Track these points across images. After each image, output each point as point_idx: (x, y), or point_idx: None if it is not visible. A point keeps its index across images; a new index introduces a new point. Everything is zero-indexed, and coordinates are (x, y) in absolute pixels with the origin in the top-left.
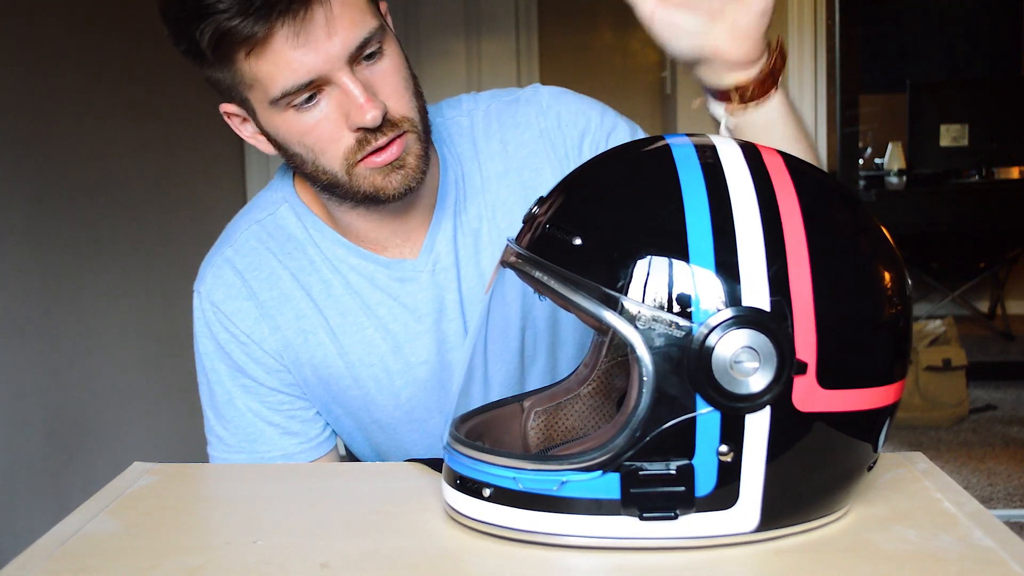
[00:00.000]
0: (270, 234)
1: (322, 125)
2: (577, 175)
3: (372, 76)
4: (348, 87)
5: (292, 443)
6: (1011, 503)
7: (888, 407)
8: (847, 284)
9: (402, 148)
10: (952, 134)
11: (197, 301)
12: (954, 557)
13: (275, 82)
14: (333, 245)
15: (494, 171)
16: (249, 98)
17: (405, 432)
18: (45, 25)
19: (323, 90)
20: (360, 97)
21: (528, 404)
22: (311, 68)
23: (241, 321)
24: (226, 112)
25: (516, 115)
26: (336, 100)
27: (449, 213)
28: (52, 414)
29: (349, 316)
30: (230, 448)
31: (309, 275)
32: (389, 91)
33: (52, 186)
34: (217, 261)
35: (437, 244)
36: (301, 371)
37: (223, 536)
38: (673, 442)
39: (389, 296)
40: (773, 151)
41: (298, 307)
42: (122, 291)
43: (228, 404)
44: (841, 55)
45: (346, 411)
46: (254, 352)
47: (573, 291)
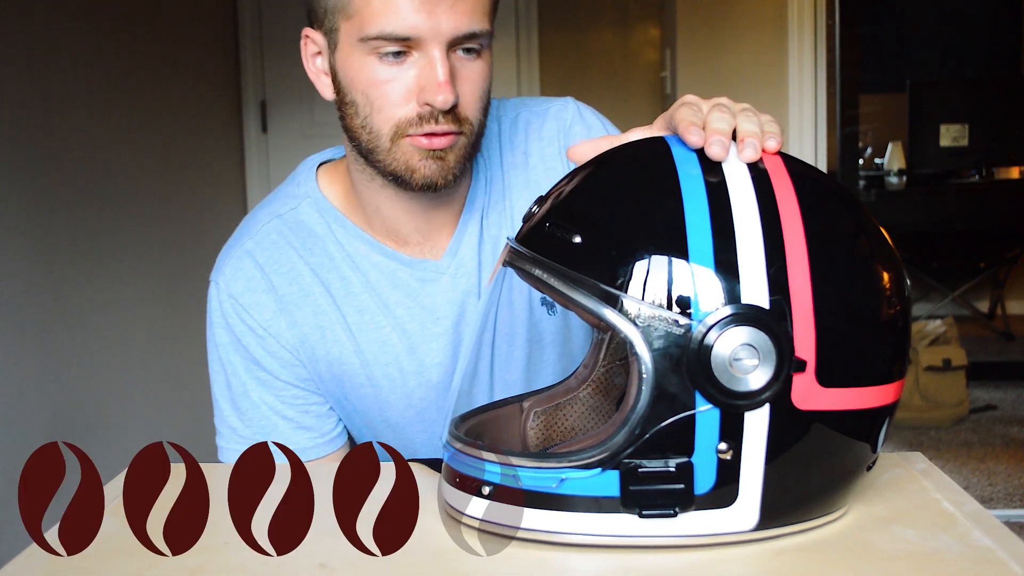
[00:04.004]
0: (291, 229)
1: (393, 85)
2: (577, 174)
3: (461, 68)
4: (435, 62)
5: (305, 438)
6: (1011, 503)
7: (887, 407)
8: (846, 283)
9: (451, 143)
10: (952, 134)
11: (214, 292)
12: (953, 557)
13: (376, 21)
14: (355, 241)
15: (516, 182)
16: (340, 28)
17: (414, 433)
18: (46, 20)
19: (412, 53)
20: (442, 76)
21: (527, 404)
22: (416, 26)
23: (259, 314)
24: (307, 36)
25: (542, 129)
26: (419, 68)
27: (476, 217)
28: (52, 414)
29: (367, 314)
30: (243, 439)
31: (329, 271)
32: (469, 89)
33: (53, 184)
34: (237, 253)
35: (462, 248)
36: (316, 367)
37: (223, 536)
38: (672, 440)
39: (408, 296)
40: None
41: (317, 303)
42: (123, 291)
43: (243, 396)
44: (841, 55)
45: (357, 409)
46: (271, 346)
47: (573, 289)
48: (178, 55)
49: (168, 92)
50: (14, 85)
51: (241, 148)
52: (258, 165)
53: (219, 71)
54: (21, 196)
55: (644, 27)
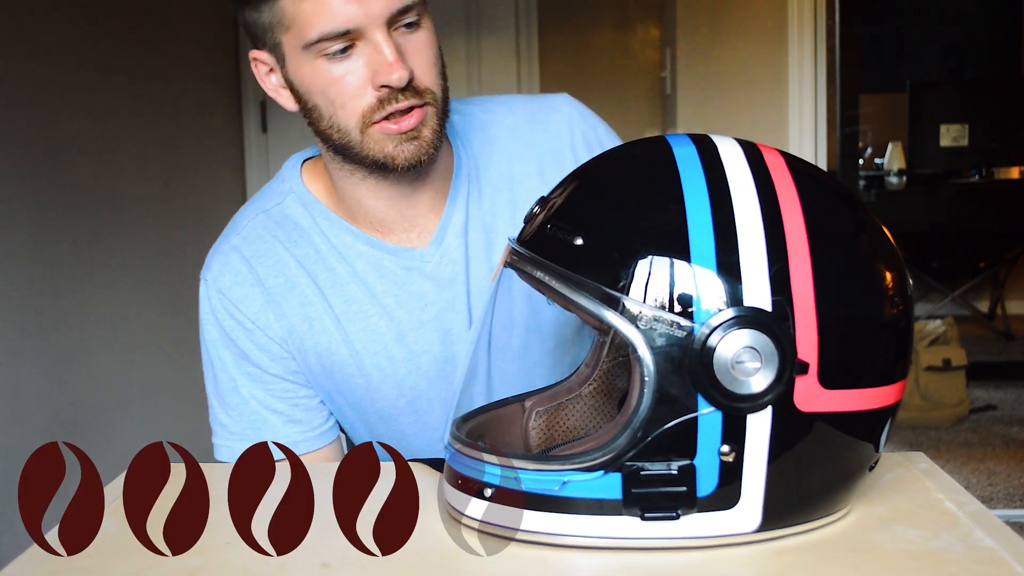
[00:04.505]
0: (277, 223)
1: (348, 79)
2: (578, 175)
3: (406, 43)
4: (381, 45)
5: (295, 431)
6: (1011, 503)
7: (889, 407)
8: (849, 284)
9: (420, 119)
10: (952, 134)
11: (204, 289)
12: (955, 557)
13: (313, 25)
14: (340, 232)
15: (522, 171)
16: (282, 42)
17: (407, 424)
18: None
19: (356, 45)
20: (390, 56)
21: (529, 404)
22: (351, 18)
23: (247, 307)
24: (255, 59)
25: (548, 122)
26: (367, 56)
27: (461, 206)
28: (52, 413)
29: (354, 304)
30: (234, 436)
31: (315, 263)
32: (419, 61)
33: (53, 184)
34: (224, 249)
35: (447, 237)
36: (306, 358)
37: (223, 536)
38: (675, 442)
39: (395, 284)
40: (774, 150)
41: (304, 294)
42: (122, 291)
43: (232, 392)
44: (841, 55)
45: (349, 401)
46: (259, 339)
47: (574, 291)
48: (178, 55)
49: (168, 92)
50: (14, 86)
51: (241, 148)
52: (258, 165)
53: (219, 71)
54: (21, 196)
55: (644, 27)
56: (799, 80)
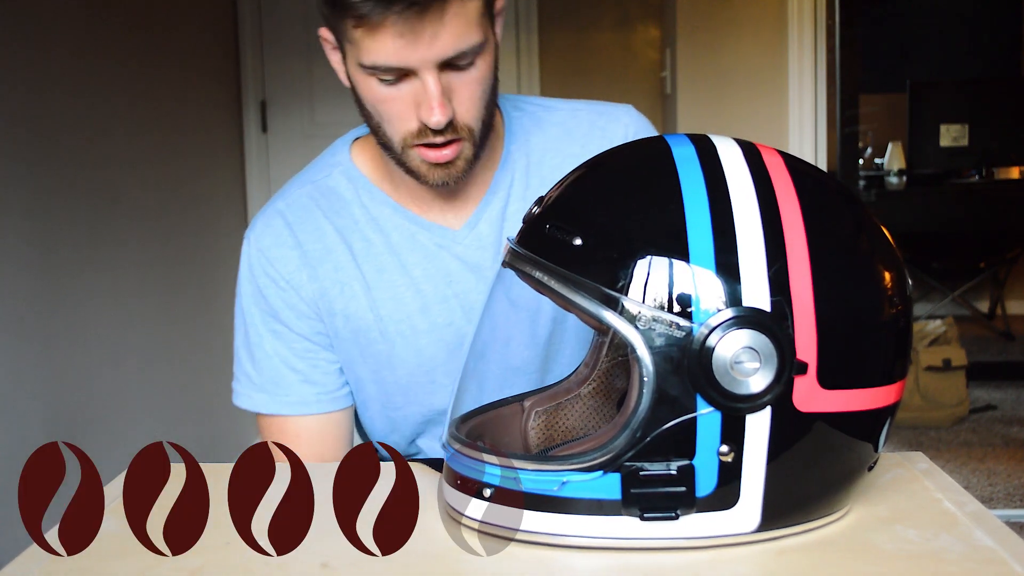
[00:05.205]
0: (322, 194)
1: (395, 103)
2: (577, 175)
3: (454, 81)
4: (429, 86)
5: (310, 391)
6: (1011, 503)
7: (889, 407)
8: (848, 284)
9: (455, 153)
10: (952, 134)
11: (245, 246)
12: (955, 557)
13: (368, 55)
14: (380, 206)
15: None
16: (346, 48)
17: (423, 396)
18: (46, 20)
19: (407, 78)
20: (435, 100)
21: (528, 404)
22: (403, 59)
23: (283, 267)
24: (323, 37)
25: (606, 128)
26: (415, 90)
27: (502, 196)
28: (52, 414)
29: (385, 273)
30: (255, 386)
31: (352, 232)
32: (464, 99)
33: (52, 184)
34: (269, 212)
35: (481, 224)
36: (334, 321)
37: (223, 536)
38: (674, 442)
39: (425, 258)
40: (773, 151)
41: (338, 260)
42: (122, 291)
43: (259, 346)
44: (841, 55)
45: (370, 368)
46: (290, 298)
47: (573, 291)
48: (178, 55)
49: (168, 92)
50: (14, 84)
51: (241, 148)
52: (258, 165)
53: (219, 71)
54: (21, 196)
55: (644, 27)
56: (799, 80)
